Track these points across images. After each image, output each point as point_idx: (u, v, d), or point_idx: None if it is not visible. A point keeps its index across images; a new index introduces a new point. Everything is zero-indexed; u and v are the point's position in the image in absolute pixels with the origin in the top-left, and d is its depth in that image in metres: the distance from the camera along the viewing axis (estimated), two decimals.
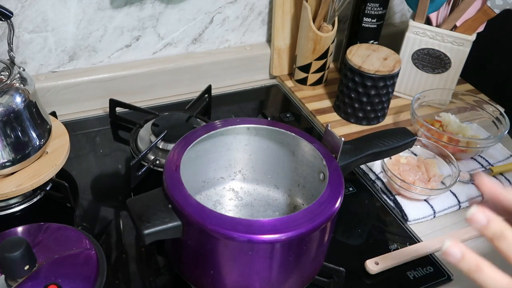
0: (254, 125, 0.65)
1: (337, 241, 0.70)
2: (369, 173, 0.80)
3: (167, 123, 0.81)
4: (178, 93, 0.97)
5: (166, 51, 0.95)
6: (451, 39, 0.89)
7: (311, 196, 0.65)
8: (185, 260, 0.58)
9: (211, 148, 0.66)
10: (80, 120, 0.89)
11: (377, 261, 0.66)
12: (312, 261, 0.58)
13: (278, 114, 0.95)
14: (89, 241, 0.57)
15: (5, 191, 0.65)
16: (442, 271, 0.67)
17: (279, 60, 1.02)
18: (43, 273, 0.51)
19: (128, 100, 0.88)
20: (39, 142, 0.68)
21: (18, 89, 0.66)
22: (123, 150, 0.83)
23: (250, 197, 0.70)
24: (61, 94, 0.87)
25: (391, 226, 0.74)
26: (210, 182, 0.70)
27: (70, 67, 0.89)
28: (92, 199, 0.74)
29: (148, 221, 0.52)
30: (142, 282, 0.63)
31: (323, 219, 0.53)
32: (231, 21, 0.97)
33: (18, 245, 0.49)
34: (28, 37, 0.82)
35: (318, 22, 0.93)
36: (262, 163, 0.69)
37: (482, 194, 0.45)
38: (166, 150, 0.78)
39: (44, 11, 0.81)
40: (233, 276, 0.55)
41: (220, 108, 0.96)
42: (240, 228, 0.50)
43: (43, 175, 0.67)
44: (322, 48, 0.94)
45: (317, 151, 0.61)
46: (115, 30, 0.88)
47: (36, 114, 0.68)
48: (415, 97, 0.88)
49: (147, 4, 0.87)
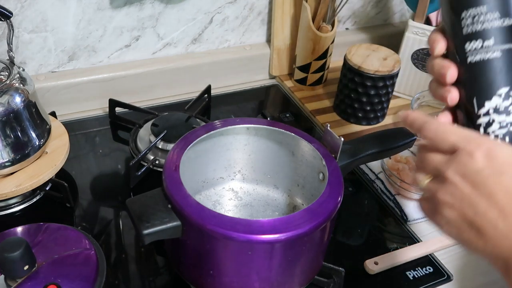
0: (254, 125, 0.65)
1: (337, 241, 0.70)
2: (369, 173, 0.80)
3: (166, 123, 0.81)
4: (177, 93, 0.97)
5: (165, 51, 0.95)
6: None
7: (311, 196, 0.65)
8: (185, 260, 0.58)
9: (211, 148, 0.66)
10: (80, 120, 0.89)
11: (376, 261, 0.66)
12: (311, 261, 0.58)
13: (277, 114, 0.95)
14: (88, 241, 0.57)
15: (4, 191, 0.65)
16: (442, 271, 0.67)
17: (278, 60, 1.02)
18: (43, 273, 0.51)
19: (128, 100, 0.88)
20: (38, 142, 0.68)
21: (17, 89, 0.66)
22: (122, 150, 0.83)
23: (249, 197, 0.70)
24: (60, 94, 0.87)
25: (391, 226, 0.74)
26: (210, 182, 0.70)
27: (70, 67, 0.89)
28: (92, 199, 0.74)
29: (147, 221, 0.52)
30: (141, 282, 0.63)
31: (323, 219, 0.53)
32: (231, 21, 0.97)
33: (18, 245, 0.49)
34: (27, 37, 0.82)
35: (317, 22, 0.93)
36: (262, 163, 0.69)
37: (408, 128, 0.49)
38: (165, 150, 0.78)
39: (44, 11, 0.81)
40: (232, 276, 0.55)
41: (219, 108, 0.96)
42: (239, 228, 0.50)
43: (42, 175, 0.67)
44: (321, 48, 0.94)
45: (317, 151, 0.61)
46: (114, 30, 0.88)
47: (35, 114, 0.68)
48: (415, 97, 0.88)
49: (146, 4, 0.87)
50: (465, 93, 0.44)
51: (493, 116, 0.43)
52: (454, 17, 0.43)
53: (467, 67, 0.43)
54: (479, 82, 0.43)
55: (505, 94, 0.42)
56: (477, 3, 0.42)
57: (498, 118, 0.42)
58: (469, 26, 0.42)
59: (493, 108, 0.43)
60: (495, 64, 0.42)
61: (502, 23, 0.42)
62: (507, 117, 0.42)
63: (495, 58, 0.42)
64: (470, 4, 0.42)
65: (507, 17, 0.42)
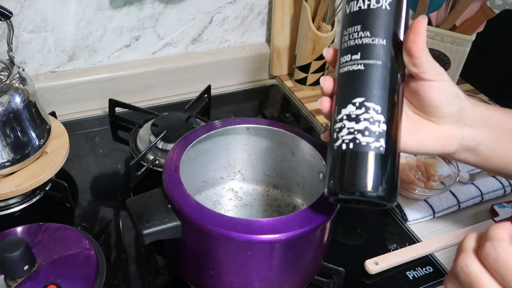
0: (254, 125, 0.65)
1: (337, 241, 0.70)
2: None
3: (166, 123, 0.81)
4: (177, 93, 0.97)
5: (165, 51, 0.95)
6: (451, 39, 0.89)
7: (311, 196, 0.65)
8: (185, 260, 0.58)
9: (211, 148, 0.66)
10: (80, 120, 0.89)
11: (376, 261, 0.66)
12: (311, 261, 0.58)
13: (277, 114, 0.95)
14: (88, 241, 0.57)
15: (4, 191, 0.65)
16: (442, 271, 0.67)
17: (278, 60, 1.02)
18: (43, 273, 0.51)
19: (128, 100, 0.88)
20: (38, 142, 0.68)
21: (17, 89, 0.66)
22: (122, 150, 0.83)
23: (249, 197, 0.70)
24: (60, 94, 0.87)
25: (391, 226, 0.74)
26: (210, 182, 0.70)
27: (70, 67, 0.89)
28: (92, 199, 0.74)
29: (147, 221, 0.52)
30: (141, 282, 0.63)
31: (323, 219, 0.53)
32: (231, 21, 0.97)
33: (18, 245, 0.49)
34: (27, 37, 0.82)
35: (317, 22, 0.93)
36: (262, 163, 0.69)
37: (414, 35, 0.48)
38: (165, 150, 0.78)
39: (44, 11, 0.81)
40: (232, 276, 0.55)
41: (219, 108, 0.96)
42: (239, 228, 0.50)
43: (42, 175, 0.67)
44: (321, 48, 0.94)
45: (317, 151, 0.61)
46: (114, 30, 0.88)
47: (35, 114, 0.68)
48: None
49: (146, 4, 0.87)
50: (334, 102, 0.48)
51: (345, 122, 0.45)
52: (341, 33, 0.48)
53: (338, 77, 0.48)
54: (341, 91, 0.47)
55: (359, 104, 0.45)
56: (354, 22, 0.46)
57: (348, 125, 0.45)
58: (346, 42, 0.47)
59: (346, 115, 0.45)
60: (357, 75, 0.46)
61: (371, 41, 0.45)
62: (356, 124, 0.45)
63: (358, 70, 0.46)
64: (350, 23, 0.47)
65: (377, 37, 0.45)
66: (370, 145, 0.44)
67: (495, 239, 0.37)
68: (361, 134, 0.44)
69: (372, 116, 0.44)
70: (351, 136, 0.45)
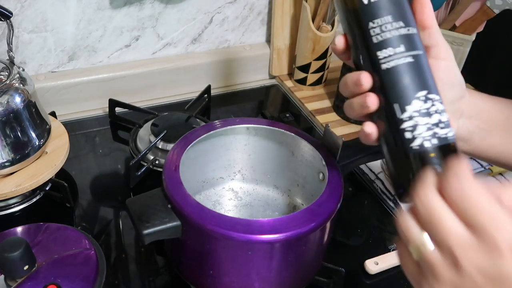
0: (254, 125, 0.65)
1: (337, 241, 0.70)
2: (369, 173, 0.80)
3: (166, 123, 0.81)
4: (177, 93, 0.97)
5: (165, 51, 0.95)
6: (451, 39, 0.89)
7: (311, 196, 0.65)
8: (185, 260, 0.58)
9: (211, 148, 0.66)
10: (80, 120, 0.89)
11: (376, 261, 0.66)
12: (311, 261, 0.58)
13: (277, 114, 0.95)
14: (88, 241, 0.57)
15: (4, 191, 0.65)
16: None
17: (278, 60, 1.02)
18: (43, 273, 0.51)
19: (128, 100, 0.88)
20: (38, 142, 0.68)
21: (17, 89, 0.66)
22: (122, 150, 0.83)
23: (249, 197, 0.70)
24: (60, 94, 0.87)
25: (391, 226, 0.74)
26: (210, 182, 0.70)
27: (70, 67, 0.89)
28: (92, 199, 0.74)
29: (147, 221, 0.52)
30: (141, 282, 0.63)
31: (323, 219, 0.53)
32: (231, 21, 0.97)
33: (18, 245, 0.49)
34: (27, 37, 0.82)
35: (317, 22, 0.93)
36: (262, 163, 0.69)
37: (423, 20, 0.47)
38: (165, 150, 0.78)
39: (44, 11, 0.81)
40: (232, 276, 0.55)
41: (219, 108, 0.96)
42: (239, 228, 0.50)
43: (42, 175, 0.67)
44: (321, 48, 0.94)
45: (317, 151, 0.61)
46: (114, 30, 0.88)
47: (35, 114, 0.68)
48: None
49: (146, 4, 0.87)
50: (384, 100, 0.45)
51: (417, 120, 0.43)
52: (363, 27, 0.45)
53: (383, 73, 0.45)
54: (397, 87, 0.44)
55: (425, 97, 0.44)
56: (382, 13, 0.44)
57: (422, 121, 0.43)
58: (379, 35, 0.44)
59: (415, 111, 0.43)
60: (409, 68, 0.44)
61: (408, 32, 0.44)
62: (430, 119, 0.43)
63: (409, 63, 0.44)
64: (377, 14, 0.44)
65: (410, 26, 0.44)
66: (448, 135, 0.44)
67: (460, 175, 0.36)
68: (439, 128, 0.43)
69: (437, 107, 0.44)
70: (430, 132, 0.43)
